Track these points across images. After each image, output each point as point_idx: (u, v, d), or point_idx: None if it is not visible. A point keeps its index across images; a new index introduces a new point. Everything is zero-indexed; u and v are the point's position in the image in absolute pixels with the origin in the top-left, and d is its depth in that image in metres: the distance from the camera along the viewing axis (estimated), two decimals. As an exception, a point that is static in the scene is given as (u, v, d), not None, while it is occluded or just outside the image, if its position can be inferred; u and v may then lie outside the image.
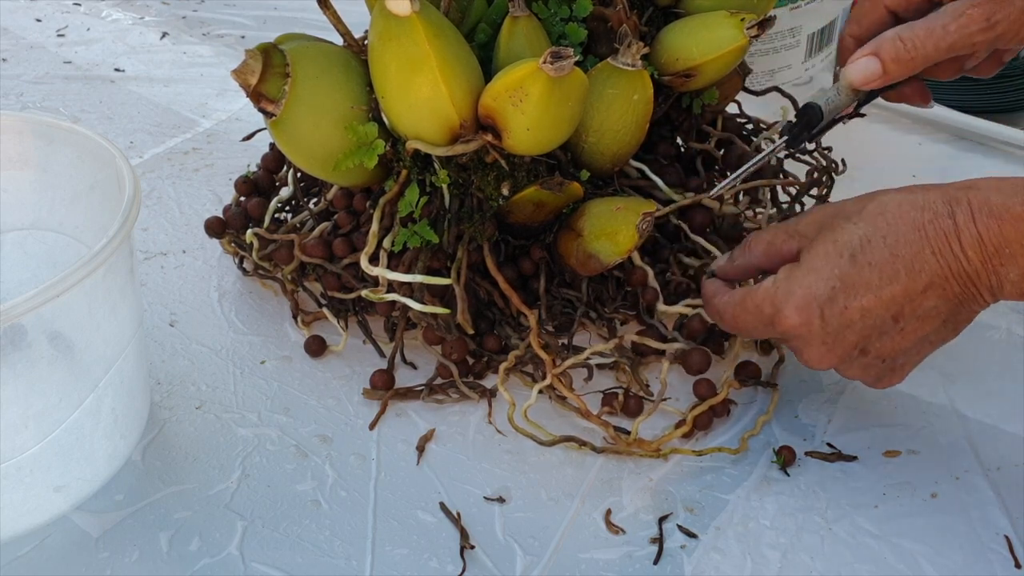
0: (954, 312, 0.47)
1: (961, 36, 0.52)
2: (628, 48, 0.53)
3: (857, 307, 0.46)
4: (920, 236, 0.45)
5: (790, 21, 0.79)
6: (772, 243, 0.50)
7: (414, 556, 0.48)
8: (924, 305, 0.46)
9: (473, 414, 0.56)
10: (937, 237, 0.45)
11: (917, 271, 0.45)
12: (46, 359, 0.47)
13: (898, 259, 0.46)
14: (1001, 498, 0.50)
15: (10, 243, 0.56)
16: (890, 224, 0.46)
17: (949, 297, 0.46)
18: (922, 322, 0.47)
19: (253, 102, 0.52)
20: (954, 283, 0.46)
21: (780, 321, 0.48)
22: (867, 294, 0.46)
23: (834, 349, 0.48)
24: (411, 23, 0.48)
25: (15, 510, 0.47)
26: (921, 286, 0.45)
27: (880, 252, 0.46)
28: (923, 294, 0.46)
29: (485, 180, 0.55)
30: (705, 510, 0.50)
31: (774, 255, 0.50)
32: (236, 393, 0.57)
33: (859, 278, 0.46)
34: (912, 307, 0.46)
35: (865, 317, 0.46)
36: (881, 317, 0.46)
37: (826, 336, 0.47)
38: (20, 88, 0.93)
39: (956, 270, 0.45)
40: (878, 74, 0.53)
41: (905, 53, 0.53)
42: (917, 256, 0.45)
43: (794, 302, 0.47)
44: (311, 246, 0.60)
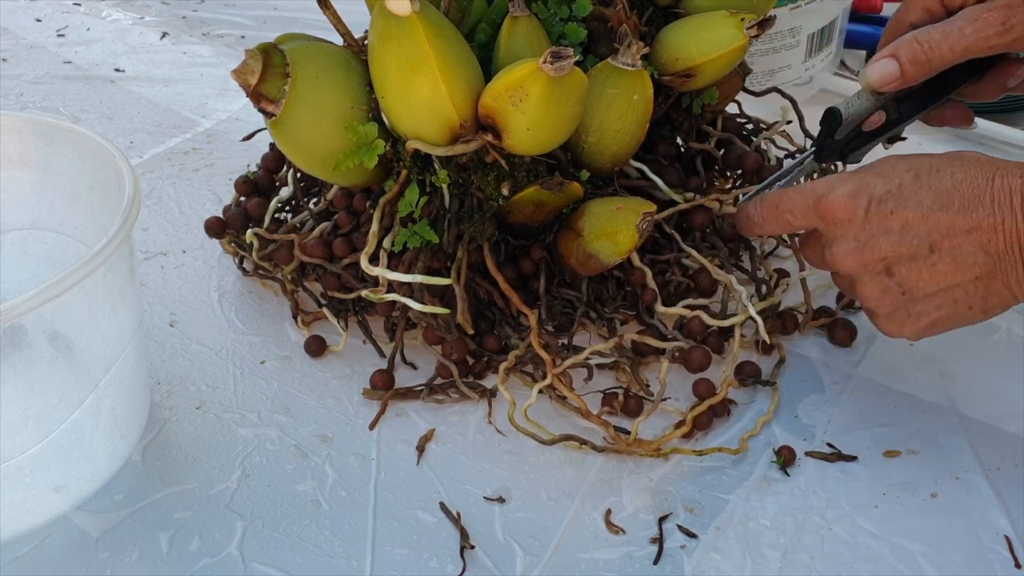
0: (989, 274, 0.47)
1: (977, 39, 0.52)
2: (628, 48, 0.53)
3: (902, 216, 0.47)
4: (986, 182, 0.46)
5: (790, 21, 0.79)
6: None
7: (414, 556, 0.48)
8: (963, 247, 0.46)
9: (473, 414, 0.56)
10: (1001, 189, 0.46)
11: (970, 210, 0.46)
12: (46, 359, 0.47)
13: (957, 193, 0.46)
14: (1001, 498, 0.50)
15: (10, 243, 0.56)
16: (963, 166, 0.47)
17: (990, 251, 0.46)
18: (956, 266, 0.47)
19: (253, 102, 0.52)
20: (1000, 238, 0.46)
21: (827, 200, 0.48)
22: (916, 209, 0.47)
23: (863, 249, 0.48)
24: (411, 23, 0.48)
25: (15, 510, 0.47)
26: (968, 224, 0.46)
27: (944, 180, 0.47)
28: (967, 234, 0.46)
29: (485, 180, 0.55)
30: (705, 510, 0.50)
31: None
32: (236, 393, 0.57)
33: (915, 193, 0.47)
34: (951, 243, 0.46)
35: (904, 231, 0.47)
36: (920, 238, 0.47)
37: (861, 232, 0.48)
38: (20, 88, 0.93)
39: (1008, 225, 0.45)
40: (896, 75, 0.54)
41: (922, 55, 0.53)
42: (976, 199, 0.46)
43: (848, 187, 0.48)
44: (311, 246, 0.60)
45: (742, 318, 0.57)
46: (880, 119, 0.58)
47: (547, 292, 0.59)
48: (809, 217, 0.50)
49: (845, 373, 0.59)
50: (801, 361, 0.60)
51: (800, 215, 0.51)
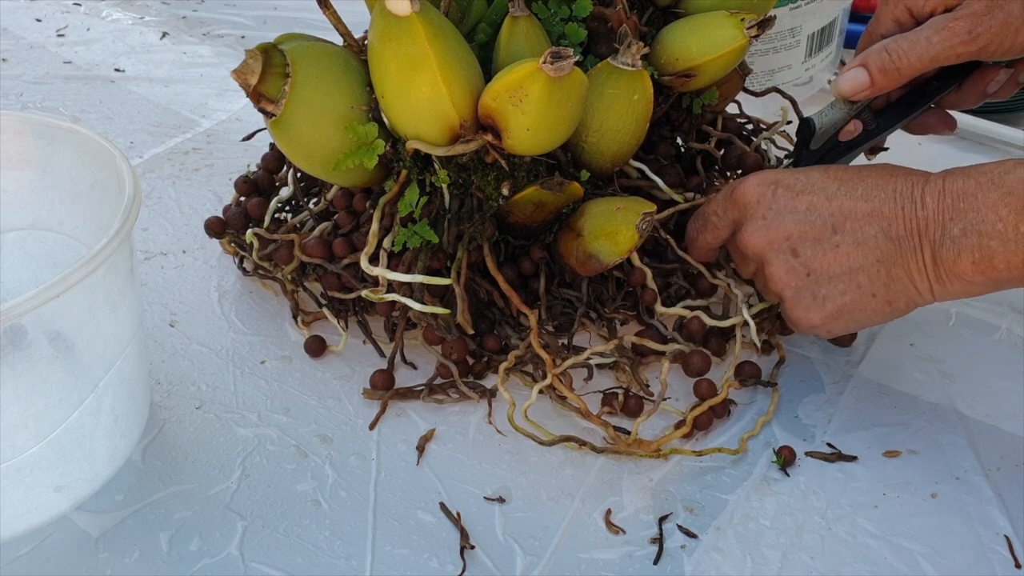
0: (890, 258, 0.48)
1: (944, 48, 0.54)
2: (628, 48, 0.53)
3: (807, 199, 0.50)
4: (890, 179, 0.49)
5: (790, 21, 0.79)
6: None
7: (414, 556, 0.48)
8: (865, 230, 0.49)
9: (473, 414, 0.56)
10: (905, 183, 0.49)
11: (871, 197, 0.49)
12: (46, 359, 0.47)
13: (861, 183, 0.50)
14: (1001, 498, 0.50)
15: (10, 243, 0.56)
16: (874, 170, 0.50)
17: (891, 235, 0.48)
18: (858, 247, 0.49)
19: (253, 102, 0.52)
20: (900, 223, 0.48)
21: (739, 189, 0.52)
22: (820, 194, 0.50)
23: (769, 228, 0.51)
24: (411, 23, 0.48)
25: (15, 510, 0.47)
26: (869, 209, 0.49)
27: (850, 174, 0.50)
28: (868, 217, 0.49)
29: (485, 180, 0.55)
30: (705, 510, 0.50)
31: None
32: (236, 393, 0.57)
33: (821, 182, 0.50)
34: (853, 225, 0.49)
35: (810, 211, 0.50)
36: (823, 219, 0.50)
37: (768, 212, 0.51)
38: (20, 88, 0.93)
39: (907, 212, 0.48)
40: (866, 84, 0.56)
41: (891, 63, 0.55)
42: (878, 187, 0.49)
43: (761, 176, 0.52)
44: (311, 246, 0.60)
45: (741, 319, 0.57)
46: (856, 129, 0.59)
47: (547, 292, 0.59)
48: (728, 209, 0.53)
49: (845, 373, 0.59)
50: (801, 361, 0.60)
51: (721, 210, 0.54)
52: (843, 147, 0.60)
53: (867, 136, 0.59)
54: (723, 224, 0.55)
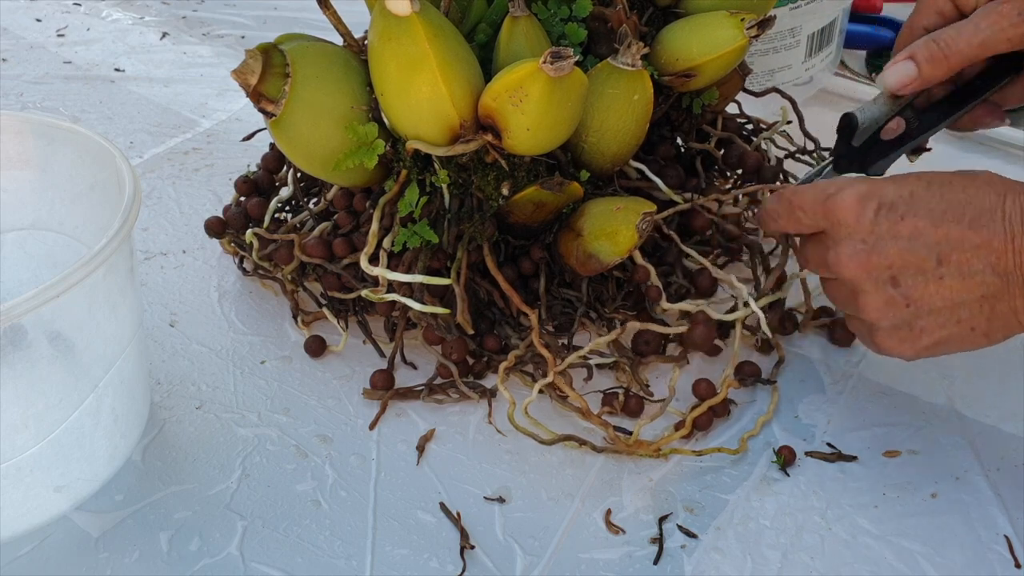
0: (995, 295, 0.45)
1: (993, 32, 0.52)
2: (628, 48, 0.53)
3: (911, 224, 0.46)
4: (999, 200, 0.45)
5: (790, 21, 0.79)
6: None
7: (414, 556, 0.48)
8: (972, 264, 0.45)
9: (473, 414, 0.56)
10: (1014, 208, 0.45)
11: (980, 225, 0.45)
12: (46, 359, 0.47)
13: (969, 206, 0.45)
14: (1001, 498, 0.50)
15: (10, 243, 0.56)
16: (976, 182, 0.46)
17: (999, 270, 0.45)
18: (963, 282, 0.45)
19: (253, 102, 0.52)
20: (1009, 257, 0.45)
21: (835, 201, 0.47)
22: (927, 218, 0.45)
23: (870, 254, 0.46)
24: (411, 23, 0.48)
25: (15, 510, 0.47)
26: (978, 240, 0.45)
27: (957, 193, 0.46)
28: (976, 249, 0.45)
29: (485, 180, 0.55)
30: (705, 510, 0.50)
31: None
32: (236, 393, 0.57)
33: (926, 201, 0.46)
34: (960, 257, 0.45)
35: (913, 239, 0.46)
36: (928, 248, 0.45)
37: (869, 235, 0.46)
38: (20, 88, 0.93)
39: (1018, 245, 0.44)
40: (914, 76, 0.53)
41: (939, 52, 0.52)
42: (987, 213, 0.45)
43: (859, 189, 0.47)
44: (311, 246, 0.60)
45: (745, 313, 0.57)
46: (899, 127, 0.57)
47: (547, 292, 0.59)
48: (817, 216, 0.49)
49: (845, 373, 0.59)
50: (801, 361, 0.60)
51: (809, 213, 0.49)
52: (885, 146, 0.57)
53: (910, 135, 0.57)
54: (807, 225, 0.50)
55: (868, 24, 0.98)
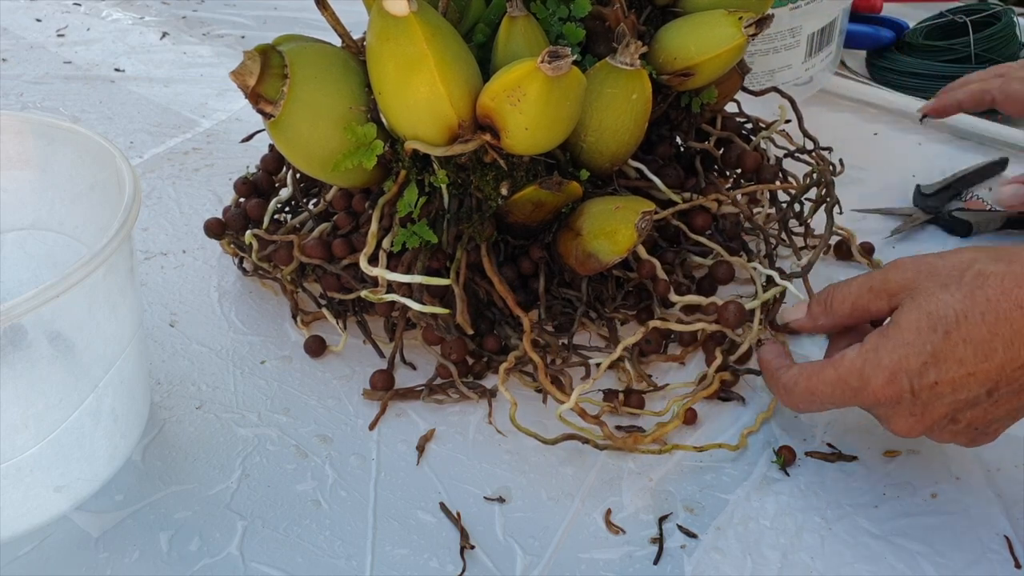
0: None
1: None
2: (626, 47, 0.53)
3: (948, 380, 0.44)
4: (1020, 312, 0.43)
5: (790, 21, 0.79)
6: (858, 304, 0.49)
7: (414, 556, 0.48)
8: (1021, 380, 0.44)
9: (473, 414, 0.56)
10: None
11: (1017, 347, 0.44)
12: (46, 359, 0.47)
13: (997, 337, 0.44)
14: (1001, 498, 0.50)
15: (10, 243, 0.56)
16: (990, 300, 0.44)
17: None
18: (1018, 395, 0.45)
19: (251, 103, 0.52)
20: None
21: (868, 394, 0.46)
22: (960, 369, 0.44)
23: (923, 419, 0.46)
24: (408, 23, 0.48)
25: (15, 510, 0.47)
26: (1020, 362, 0.44)
27: (978, 329, 0.44)
28: (1020, 369, 0.44)
29: (484, 180, 0.55)
30: (705, 510, 0.50)
31: (861, 315, 0.49)
32: (236, 393, 0.57)
33: (952, 353, 0.44)
34: (1008, 380, 0.44)
35: (957, 391, 0.45)
36: (975, 391, 0.45)
37: (915, 408, 0.46)
38: (20, 88, 0.93)
39: None
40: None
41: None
42: (1018, 334, 0.43)
43: (883, 375, 0.45)
44: (310, 247, 0.60)
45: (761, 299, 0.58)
46: None
47: (547, 292, 0.59)
48: (851, 404, 0.48)
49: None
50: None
51: (841, 403, 0.48)
52: None
53: None
54: (837, 407, 0.49)
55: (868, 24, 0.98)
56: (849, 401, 0.47)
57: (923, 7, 1.05)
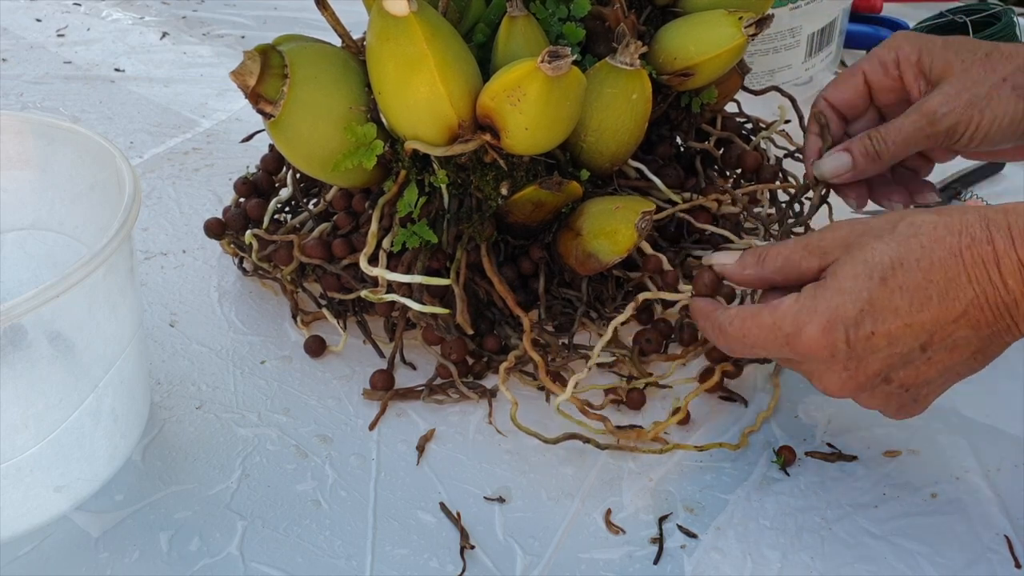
0: (985, 344, 0.44)
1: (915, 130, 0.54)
2: (626, 47, 0.53)
3: (884, 332, 0.43)
4: (956, 262, 0.43)
5: (790, 21, 0.79)
6: (790, 259, 0.47)
7: (414, 556, 0.48)
8: (955, 335, 0.44)
9: (473, 414, 0.56)
10: (975, 264, 0.43)
11: (951, 298, 0.43)
12: (46, 359, 0.47)
13: (931, 284, 0.43)
14: (1001, 498, 0.50)
15: (10, 243, 0.56)
16: (924, 247, 0.43)
17: (982, 327, 0.43)
18: (951, 352, 0.44)
19: (251, 103, 0.52)
20: (988, 312, 0.43)
21: (800, 341, 0.45)
22: (896, 320, 0.43)
23: (856, 375, 0.45)
24: (408, 23, 0.48)
25: (15, 510, 0.47)
26: (954, 315, 0.43)
27: (913, 276, 0.43)
28: (955, 323, 0.43)
29: (484, 180, 0.55)
30: (705, 510, 0.50)
31: (791, 272, 0.47)
32: (236, 393, 0.57)
33: (889, 302, 0.43)
34: (942, 336, 0.44)
35: (892, 344, 0.44)
36: (909, 345, 0.44)
37: (849, 361, 0.45)
38: (20, 88, 0.94)
39: (993, 299, 0.43)
40: (848, 167, 0.56)
41: (872, 148, 0.55)
42: (952, 282, 0.43)
43: (818, 322, 0.44)
44: (310, 247, 0.60)
45: None
46: None
47: (547, 292, 0.59)
48: (783, 354, 0.46)
49: (845, 373, 0.59)
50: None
51: (773, 351, 0.47)
52: None
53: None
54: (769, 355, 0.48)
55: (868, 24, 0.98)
56: (782, 350, 0.46)
57: (923, 7, 1.05)
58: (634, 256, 0.59)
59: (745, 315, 0.47)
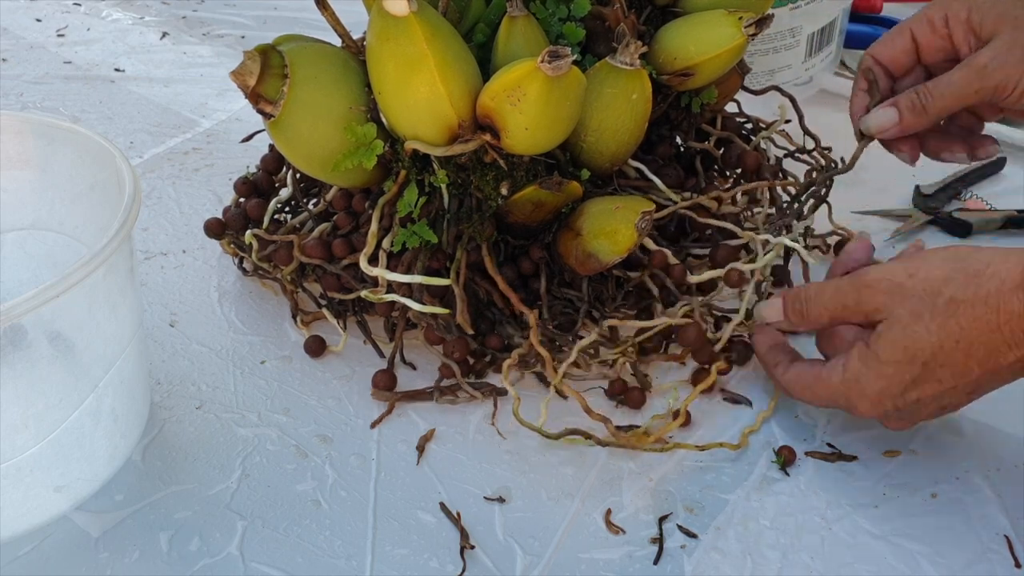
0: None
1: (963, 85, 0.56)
2: (626, 47, 0.53)
3: (930, 395, 0.48)
4: (996, 336, 0.45)
5: (790, 21, 0.79)
6: (835, 317, 0.51)
7: (414, 556, 0.48)
8: (1001, 379, 0.47)
9: (473, 414, 0.56)
10: (1013, 335, 0.45)
11: (993, 362, 0.46)
12: (46, 359, 0.47)
13: (971, 359, 0.46)
14: (1001, 498, 0.50)
15: (10, 243, 0.56)
16: (963, 329, 0.46)
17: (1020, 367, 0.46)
18: (999, 385, 0.48)
19: (251, 103, 0.52)
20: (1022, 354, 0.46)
21: (855, 412, 0.50)
22: (940, 386, 0.47)
23: (912, 420, 0.50)
24: (408, 23, 0.48)
25: (15, 510, 0.47)
26: (996, 369, 0.46)
27: (953, 356, 0.46)
28: (998, 373, 0.47)
29: (484, 180, 0.55)
30: (705, 510, 0.50)
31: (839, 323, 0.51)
32: (236, 393, 0.57)
33: (932, 376, 0.47)
34: (988, 382, 0.48)
35: (939, 400, 0.48)
36: (955, 398, 0.48)
37: (901, 416, 0.49)
38: (20, 88, 0.93)
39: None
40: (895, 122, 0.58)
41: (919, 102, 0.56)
42: (992, 353, 0.46)
43: (867, 401, 0.49)
44: (310, 247, 0.60)
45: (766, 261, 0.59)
46: None
47: (547, 292, 0.59)
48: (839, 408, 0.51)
49: (845, 373, 0.59)
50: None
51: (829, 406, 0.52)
52: None
53: None
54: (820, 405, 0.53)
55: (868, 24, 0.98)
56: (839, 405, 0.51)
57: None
58: (635, 255, 0.59)
59: (803, 384, 0.52)
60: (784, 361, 0.53)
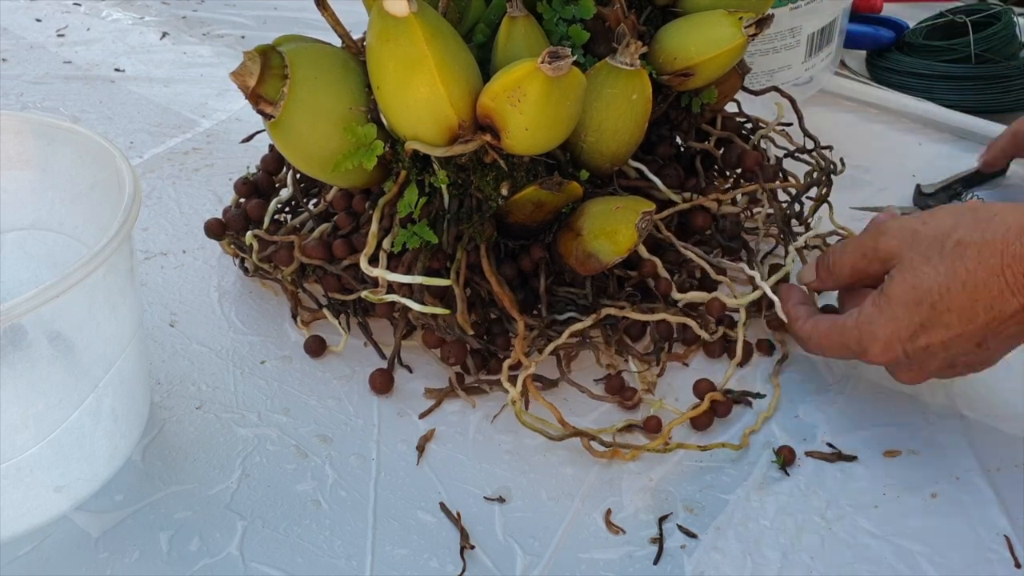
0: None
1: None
2: (626, 47, 0.53)
3: (939, 342, 0.49)
4: (999, 281, 0.47)
5: (790, 21, 0.79)
6: (856, 267, 0.54)
7: (414, 556, 0.48)
8: (1007, 331, 0.48)
9: (473, 414, 0.56)
10: (1016, 281, 0.47)
11: (998, 310, 0.47)
12: (46, 359, 0.47)
13: (977, 303, 0.47)
14: (1001, 498, 0.50)
15: (10, 243, 0.56)
16: (969, 271, 0.47)
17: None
18: (1006, 340, 0.49)
19: (251, 104, 0.52)
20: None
21: (866, 357, 0.52)
22: (948, 332, 0.49)
23: (921, 372, 0.51)
24: (408, 24, 0.48)
25: (15, 510, 0.47)
26: (1002, 319, 0.47)
27: (959, 298, 0.48)
28: (1004, 324, 0.48)
29: (484, 180, 0.55)
30: (705, 510, 0.50)
31: (860, 275, 0.54)
32: (236, 393, 0.57)
33: (939, 321, 0.48)
34: (995, 334, 0.48)
35: (948, 348, 0.49)
36: (964, 347, 0.49)
37: (911, 364, 0.51)
38: (20, 88, 0.94)
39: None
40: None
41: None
42: (997, 298, 0.47)
43: (879, 344, 0.50)
44: (311, 247, 0.60)
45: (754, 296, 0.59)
46: None
47: (548, 292, 0.59)
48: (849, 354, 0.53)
49: (845, 373, 0.59)
50: (801, 361, 0.60)
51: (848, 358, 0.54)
52: None
53: None
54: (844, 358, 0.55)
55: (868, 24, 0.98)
56: (855, 358, 0.53)
57: (923, 7, 1.05)
58: (636, 255, 0.59)
59: (821, 333, 0.54)
60: (804, 315, 0.56)
